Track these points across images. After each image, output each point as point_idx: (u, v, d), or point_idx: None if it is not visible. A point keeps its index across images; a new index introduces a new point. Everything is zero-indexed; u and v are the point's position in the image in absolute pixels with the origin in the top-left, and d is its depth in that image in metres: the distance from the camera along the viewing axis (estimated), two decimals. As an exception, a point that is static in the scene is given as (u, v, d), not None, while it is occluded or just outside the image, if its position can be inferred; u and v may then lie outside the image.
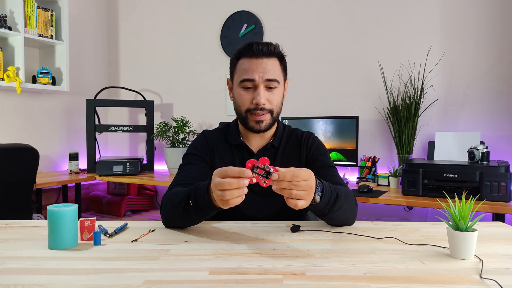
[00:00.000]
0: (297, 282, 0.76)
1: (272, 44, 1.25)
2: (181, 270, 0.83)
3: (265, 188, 1.06)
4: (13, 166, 2.14)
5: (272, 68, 1.24)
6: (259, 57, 1.23)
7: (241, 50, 1.26)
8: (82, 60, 3.39)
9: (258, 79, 1.22)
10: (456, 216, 0.90)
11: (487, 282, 0.76)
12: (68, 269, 0.82)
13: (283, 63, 1.29)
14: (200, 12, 3.29)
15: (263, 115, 1.24)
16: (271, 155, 1.33)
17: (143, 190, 3.30)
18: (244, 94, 1.25)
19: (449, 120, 2.52)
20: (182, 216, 1.10)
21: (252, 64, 1.23)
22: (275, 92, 1.25)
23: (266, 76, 1.22)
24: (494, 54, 2.40)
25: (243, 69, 1.25)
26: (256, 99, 1.22)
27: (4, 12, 2.70)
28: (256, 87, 1.23)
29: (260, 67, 1.22)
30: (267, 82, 1.23)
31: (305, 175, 0.94)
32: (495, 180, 1.90)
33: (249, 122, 1.27)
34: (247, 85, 1.24)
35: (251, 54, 1.23)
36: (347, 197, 1.13)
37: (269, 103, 1.24)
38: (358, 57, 2.76)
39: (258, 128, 1.26)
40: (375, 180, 2.49)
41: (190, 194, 1.07)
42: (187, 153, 1.34)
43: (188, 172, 1.27)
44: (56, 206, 0.97)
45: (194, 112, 3.30)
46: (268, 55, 1.23)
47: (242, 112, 1.27)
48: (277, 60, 1.26)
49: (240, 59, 1.27)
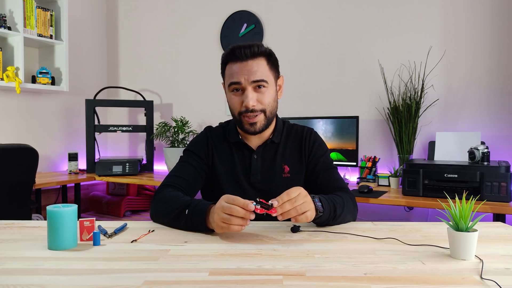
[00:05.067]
0: (297, 283, 0.76)
1: (255, 45, 1.24)
2: (180, 270, 0.82)
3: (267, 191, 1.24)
4: (12, 166, 2.14)
5: (258, 69, 1.23)
6: (243, 60, 1.23)
7: (226, 55, 1.28)
8: (81, 60, 3.39)
9: (244, 82, 1.23)
10: (456, 216, 0.89)
11: (487, 283, 0.75)
12: (68, 269, 0.82)
13: (271, 61, 1.28)
14: (200, 12, 3.28)
15: (255, 116, 1.25)
16: (271, 151, 1.35)
17: (143, 191, 3.29)
18: (234, 97, 1.27)
19: (449, 120, 2.52)
20: (172, 221, 1.15)
21: (237, 68, 1.24)
22: (265, 92, 1.25)
23: (252, 78, 1.23)
24: (495, 54, 2.40)
25: (229, 74, 1.26)
26: (244, 102, 1.24)
27: (4, 12, 2.69)
28: (244, 90, 1.24)
29: (245, 70, 1.23)
30: (254, 83, 1.24)
31: (295, 190, 1.02)
32: (495, 180, 1.90)
33: (243, 125, 1.28)
34: (235, 87, 1.25)
35: (235, 59, 1.24)
36: (343, 203, 1.18)
37: (260, 103, 1.25)
38: (358, 57, 2.75)
39: (253, 130, 1.27)
40: (375, 181, 2.49)
41: (190, 205, 1.11)
42: (187, 148, 1.37)
43: (184, 169, 1.32)
44: (55, 206, 0.97)
45: (193, 112, 3.30)
46: (253, 57, 1.23)
47: (235, 115, 1.29)
48: (263, 60, 1.26)
49: (227, 64, 1.28)
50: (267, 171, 1.32)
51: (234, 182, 1.32)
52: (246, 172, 1.33)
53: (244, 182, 1.32)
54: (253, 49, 1.23)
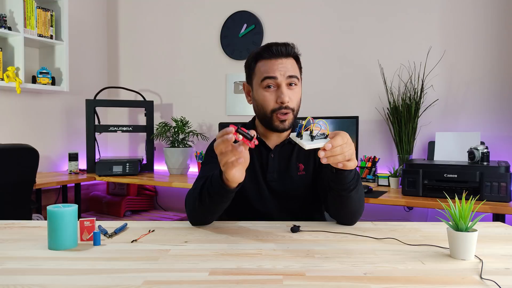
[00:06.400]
0: (297, 283, 0.76)
1: (289, 44, 1.29)
2: (181, 270, 0.82)
3: (283, 190, 1.27)
4: (12, 166, 2.14)
5: (292, 66, 1.27)
6: (278, 58, 1.26)
7: (259, 52, 1.29)
8: (81, 60, 3.39)
9: (280, 77, 1.25)
10: (456, 216, 0.90)
11: (487, 283, 0.76)
12: (68, 269, 0.82)
13: (299, 63, 1.33)
14: (200, 12, 3.28)
15: (287, 114, 1.26)
16: (288, 151, 1.36)
17: (143, 191, 3.29)
18: (267, 94, 1.27)
19: (449, 120, 2.52)
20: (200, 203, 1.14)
21: (272, 64, 1.26)
22: (295, 90, 1.28)
23: (287, 73, 1.25)
24: (494, 54, 2.40)
25: (263, 70, 1.27)
26: (280, 98, 1.24)
27: (4, 12, 2.69)
28: (279, 86, 1.25)
29: (281, 66, 1.25)
30: (289, 79, 1.26)
31: (346, 134, 0.99)
32: (495, 180, 1.90)
33: (274, 122, 1.28)
34: (270, 83, 1.26)
35: (271, 55, 1.26)
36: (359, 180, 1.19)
37: (292, 101, 1.27)
38: (358, 57, 2.75)
39: (283, 127, 1.28)
40: (375, 181, 2.49)
41: (206, 179, 1.13)
42: (207, 152, 1.38)
43: (209, 168, 1.31)
44: (55, 206, 0.97)
45: (194, 112, 3.30)
46: (286, 55, 1.27)
47: (267, 113, 1.28)
48: (294, 60, 1.30)
49: (258, 61, 1.29)
50: (283, 170, 1.34)
51: (252, 179, 1.32)
52: (263, 170, 1.34)
53: (261, 179, 1.33)
54: (288, 48, 1.27)
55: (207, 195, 1.12)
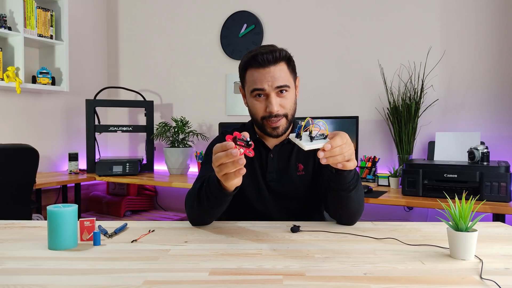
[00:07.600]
0: (297, 283, 0.76)
1: (276, 50, 1.24)
2: (181, 270, 0.82)
3: (282, 190, 1.26)
4: (12, 166, 2.14)
5: (281, 74, 1.24)
6: (266, 67, 1.23)
7: (247, 61, 1.26)
8: (82, 60, 3.39)
9: (268, 88, 1.23)
10: (456, 216, 0.90)
11: (487, 283, 0.76)
12: (68, 269, 0.82)
13: (291, 65, 1.28)
14: (200, 12, 3.28)
15: (278, 121, 1.26)
16: (287, 151, 1.36)
17: (143, 191, 3.29)
18: (257, 103, 1.27)
19: (449, 120, 2.52)
20: (198, 204, 1.14)
21: (260, 74, 1.23)
22: (287, 96, 1.26)
23: (275, 84, 1.23)
24: (495, 54, 2.40)
25: (251, 80, 1.26)
26: (269, 108, 1.24)
27: (4, 12, 2.69)
28: (268, 96, 1.24)
29: (268, 76, 1.22)
30: (277, 89, 1.24)
31: (345, 134, 1.00)
32: (495, 180, 1.90)
33: (266, 129, 1.29)
34: (258, 93, 1.25)
35: (258, 65, 1.23)
36: (359, 180, 1.19)
37: (283, 108, 1.26)
38: (358, 57, 2.75)
39: (276, 133, 1.29)
40: (375, 181, 2.49)
41: (204, 180, 1.13)
42: (206, 152, 1.38)
43: (209, 168, 1.29)
44: (55, 206, 0.97)
45: (194, 112, 3.30)
46: (275, 62, 1.23)
47: (258, 119, 1.29)
48: (284, 64, 1.26)
49: (247, 70, 1.27)
50: (282, 170, 1.34)
51: (252, 179, 1.33)
52: (263, 170, 1.34)
53: (261, 179, 1.34)
54: (275, 55, 1.23)
55: (205, 198, 1.12)
